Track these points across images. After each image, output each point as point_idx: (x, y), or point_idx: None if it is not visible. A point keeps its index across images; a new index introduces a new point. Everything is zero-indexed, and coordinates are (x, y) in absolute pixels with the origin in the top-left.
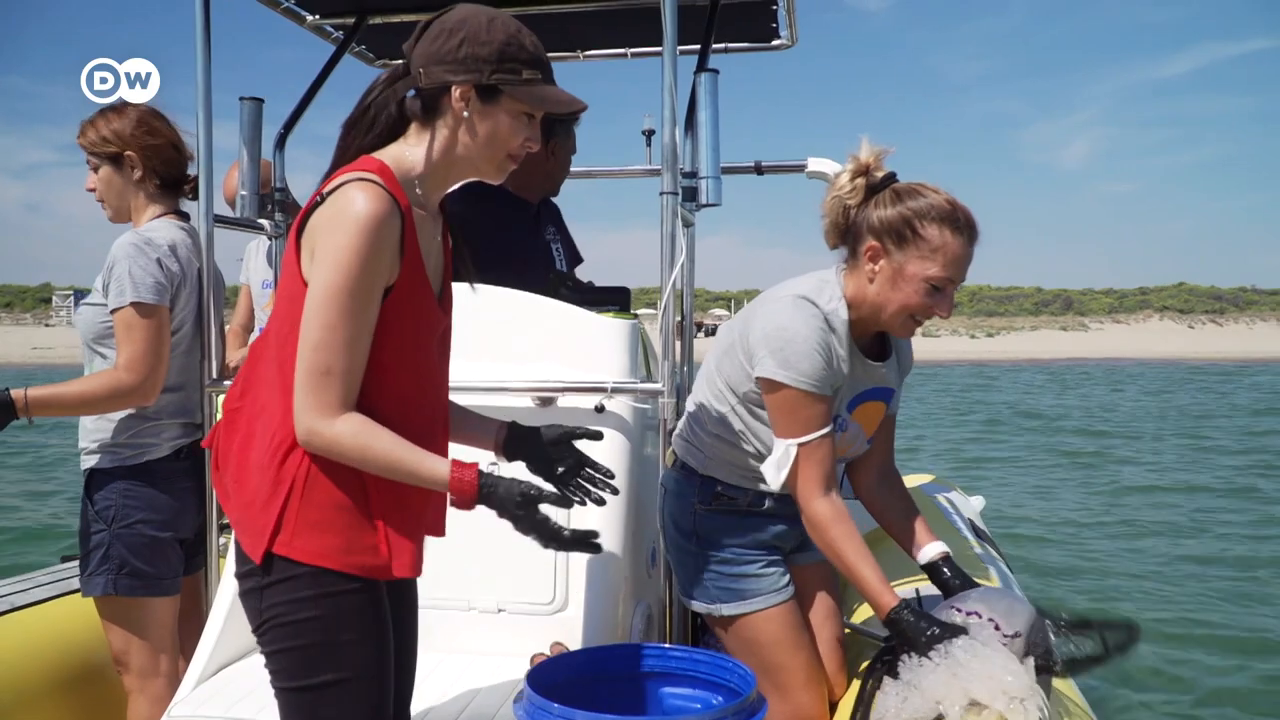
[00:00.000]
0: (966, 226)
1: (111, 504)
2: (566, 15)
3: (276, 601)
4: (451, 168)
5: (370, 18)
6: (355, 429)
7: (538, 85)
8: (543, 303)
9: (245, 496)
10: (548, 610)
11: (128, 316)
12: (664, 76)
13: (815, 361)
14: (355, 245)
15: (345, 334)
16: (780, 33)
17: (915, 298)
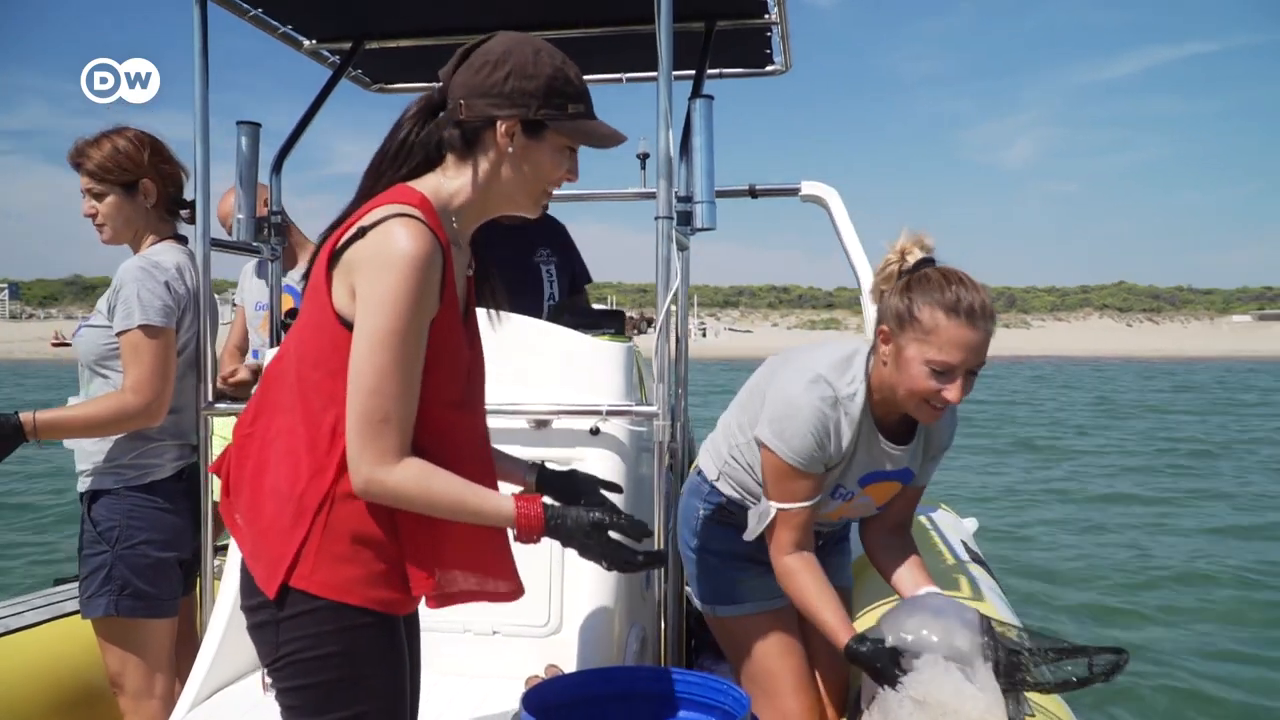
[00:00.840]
0: (966, 312)
1: (115, 525)
2: (562, 40)
3: (295, 636)
4: (489, 201)
5: (367, 43)
6: (416, 474)
7: (582, 120)
8: (538, 326)
9: (260, 525)
10: (542, 632)
11: (135, 339)
12: (659, 102)
13: (808, 442)
14: (405, 287)
15: (400, 379)
16: (774, 58)
17: (919, 381)
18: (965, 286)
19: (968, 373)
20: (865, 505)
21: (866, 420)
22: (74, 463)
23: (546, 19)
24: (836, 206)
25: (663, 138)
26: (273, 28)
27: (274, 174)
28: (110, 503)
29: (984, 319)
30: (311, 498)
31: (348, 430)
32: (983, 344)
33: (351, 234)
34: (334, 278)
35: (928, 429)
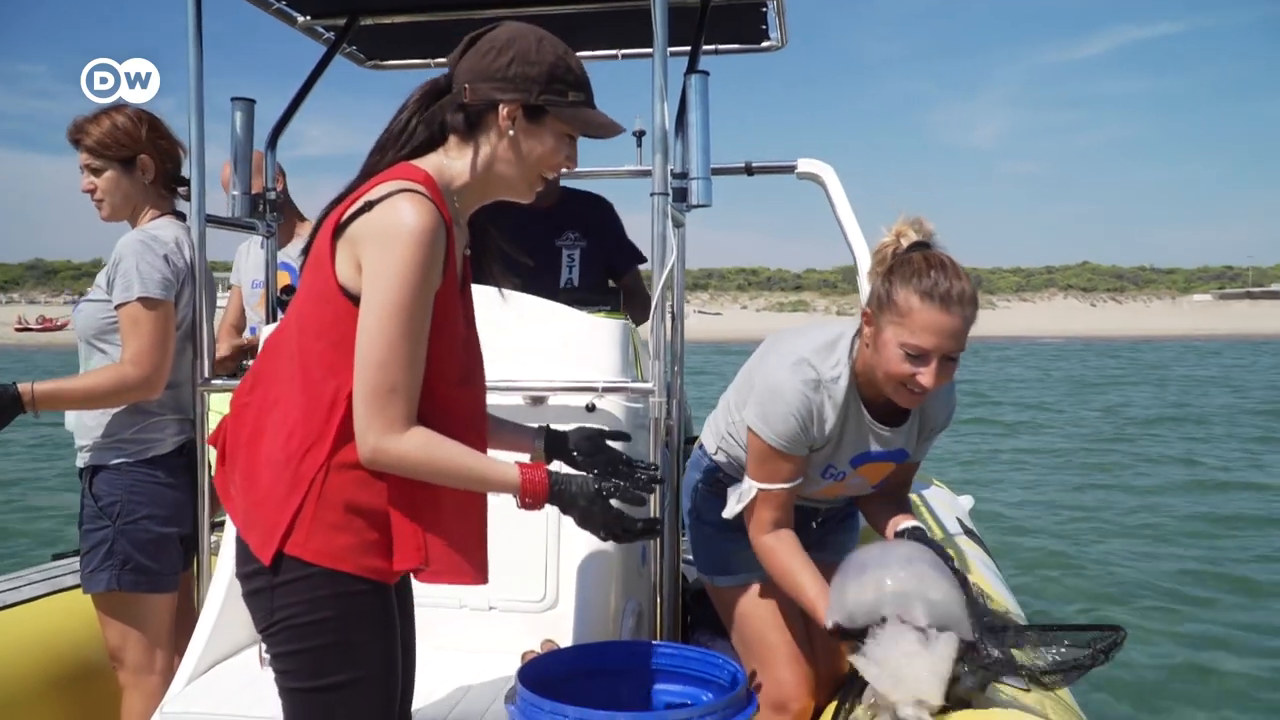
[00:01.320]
0: (942, 297)
1: (117, 500)
2: (556, 16)
3: (290, 602)
4: (489, 184)
5: (361, 19)
6: (422, 443)
7: (582, 108)
8: (534, 302)
9: (255, 494)
10: (539, 608)
11: (134, 311)
12: (655, 78)
13: (790, 425)
14: (413, 260)
15: (407, 350)
16: (770, 34)
17: (895, 364)
18: (945, 272)
19: (944, 358)
20: (859, 485)
21: (853, 402)
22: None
23: None
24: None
25: (658, 113)
26: (266, 4)
27: (269, 150)
28: (111, 477)
29: (960, 304)
30: (308, 466)
31: (355, 400)
32: (958, 330)
33: (358, 208)
34: (338, 250)
35: (923, 409)
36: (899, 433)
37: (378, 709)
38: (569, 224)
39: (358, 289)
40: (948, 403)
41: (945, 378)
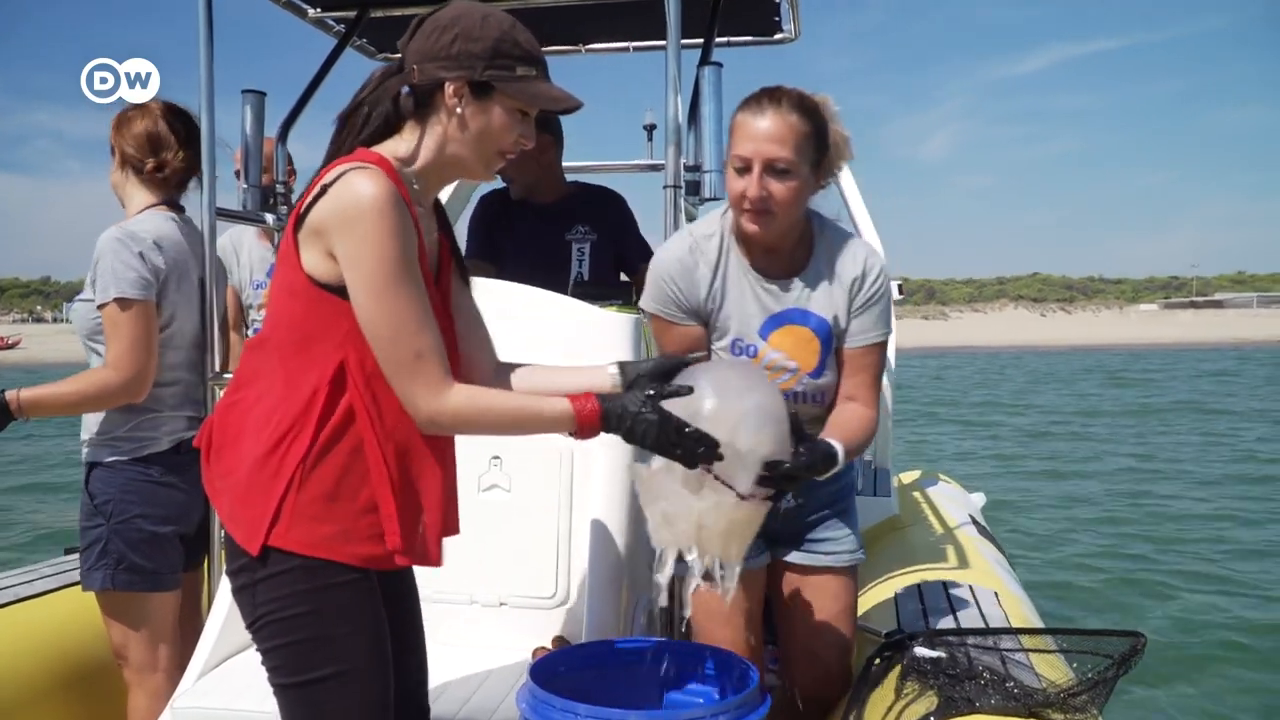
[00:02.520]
0: (755, 100)
1: (110, 498)
2: (568, 9)
3: (270, 598)
4: (445, 165)
5: (371, 11)
6: (470, 395)
7: (531, 82)
8: (546, 297)
9: (240, 489)
10: (549, 604)
11: (112, 313)
12: (667, 70)
13: (660, 287)
14: (380, 225)
15: (414, 313)
16: (784, 26)
17: (729, 184)
18: (771, 88)
19: (769, 167)
20: (781, 364)
21: (732, 260)
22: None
23: None
24: (846, 180)
25: (671, 106)
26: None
27: (279, 143)
28: (106, 475)
29: (774, 105)
30: (291, 458)
31: (391, 382)
32: (773, 132)
33: (314, 195)
34: (301, 242)
35: (825, 261)
36: (800, 291)
37: (368, 703)
38: (579, 218)
39: (327, 277)
40: (856, 257)
41: (777, 196)
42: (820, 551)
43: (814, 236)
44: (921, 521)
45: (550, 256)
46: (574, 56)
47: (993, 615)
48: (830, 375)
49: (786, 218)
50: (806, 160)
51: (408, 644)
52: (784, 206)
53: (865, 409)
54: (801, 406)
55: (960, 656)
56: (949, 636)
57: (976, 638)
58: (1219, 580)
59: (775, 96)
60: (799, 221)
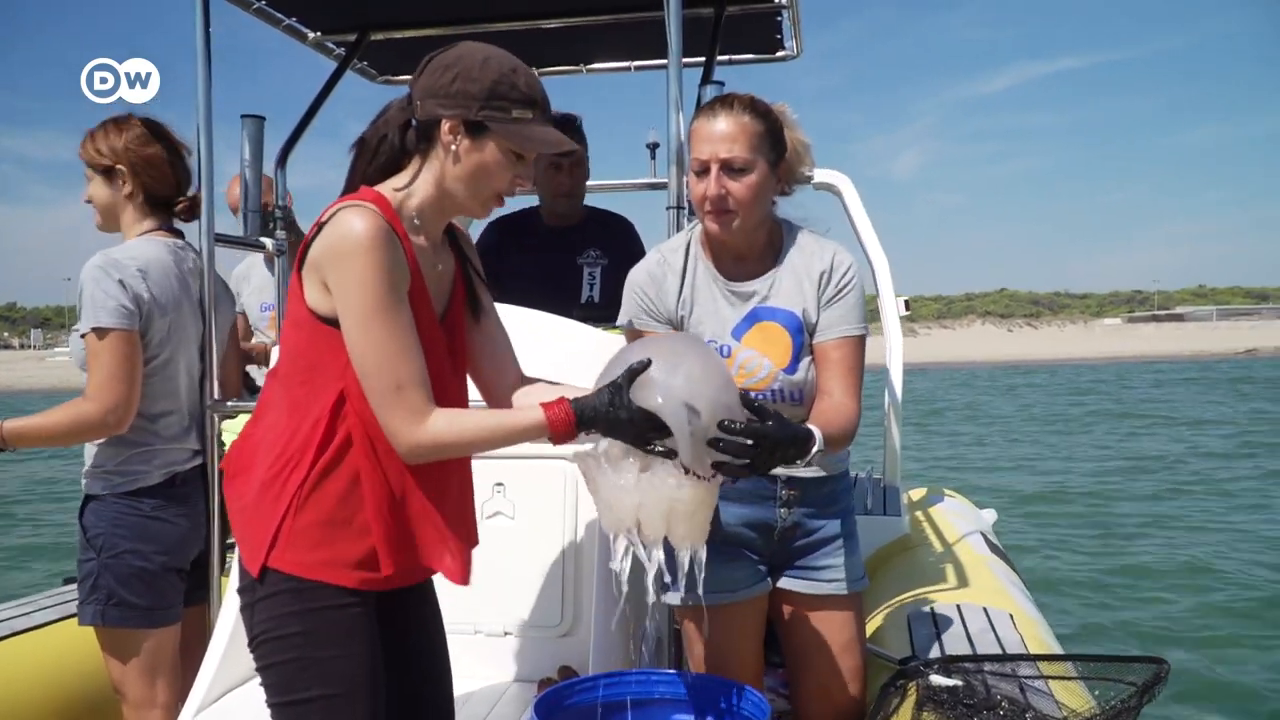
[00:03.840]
0: (710, 108)
1: (101, 532)
2: (569, 29)
3: (265, 617)
4: (444, 200)
5: (372, 34)
6: (448, 421)
7: (526, 125)
8: (548, 320)
9: (246, 513)
10: (556, 633)
11: (90, 342)
12: (669, 88)
13: (630, 297)
14: (367, 260)
15: (397, 344)
16: (785, 44)
17: (692, 189)
18: (724, 95)
19: (725, 166)
20: (755, 362)
21: (699, 267)
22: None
23: (553, 7)
24: (850, 194)
25: (674, 125)
26: (277, 20)
27: (279, 168)
28: (98, 509)
29: (725, 107)
30: (291, 484)
31: (375, 412)
32: (728, 133)
33: (314, 232)
34: (304, 276)
35: (790, 256)
36: (767, 289)
37: None
38: (591, 242)
39: (326, 310)
40: (824, 253)
41: (737, 195)
42: (822, 579)
43: (782, 240)
44: (932, 541)
45: (562, 279)
46: (575, 76)
47: (1009, 639)
48: (806, 371)
49: (748, 216)
50: (763, 157)
51: (430, 673)
52: (744, 204)
53: (844, 399)
54: (780, 405)
55: (977, 685)
56: (965, 663)
57: (994, 664)
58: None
59: (727, 101)
60: (765, 224)
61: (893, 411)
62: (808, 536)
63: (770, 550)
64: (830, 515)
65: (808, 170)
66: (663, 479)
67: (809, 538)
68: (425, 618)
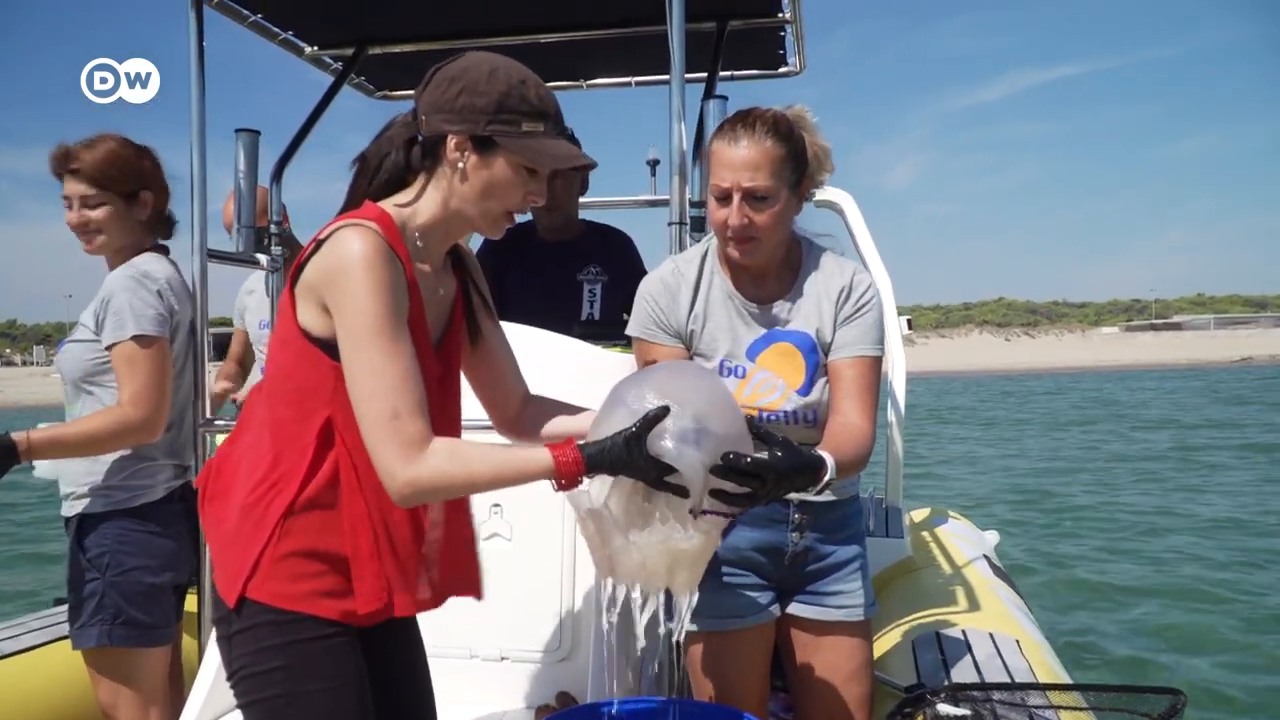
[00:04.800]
0: (731, 132)
1: (106, 550)
2: (570, 44)
3: (243, 652)
4: (450, 220)
5: (369, 48)
6: (447, 455)
7: (538, 138)
8: (547, 338)
9: (225, 538)
10: (554, 658)
11: (129, 351)
12: (671, 103)
13: (640, 306)
14: (366, 282)
15: (395, 371)
16: (788, 59)
17: (712, 214)
18: (743, 116)
19: (747, 195)
20: (770, 383)
21: (715, 281)
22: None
23: (552, 21)
24: (852, 212)
25: (676, 139)
26: (273, 34)
27: (274, 183)
28: (99, 528)
29: (748, 130)
30: (275, 510)
31: (367, 444)
32: (751, 161)
33: (310, 250)
34: (297, 295)
35: (806, 278)
36: (784, 309)
37: None
38: (591, 258)
39: (320, 331)
40: (843, 272)
41: (759, 222)
42: (832, 605)
43: (801, 257)
44: (935, 563)
45: (562, 295)
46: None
47: (1016, 666)
48: (821, 393)
49: (770, 242)
50: (785, 184)
51: (411, 698)
52: (766, 232)
53: (857, 419)
54: (791, 428)
55: (986, 714)
56: (973, 691)
57: (1002, 693)
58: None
59: (749, 122)
60: (784, 244)
61: (895, 431)
62: (819, 561)
63: (780, 575)
64: (841, 540)
65: (829, 174)
66: (667, 533)
67: (820, 563)
68: (409, 643)
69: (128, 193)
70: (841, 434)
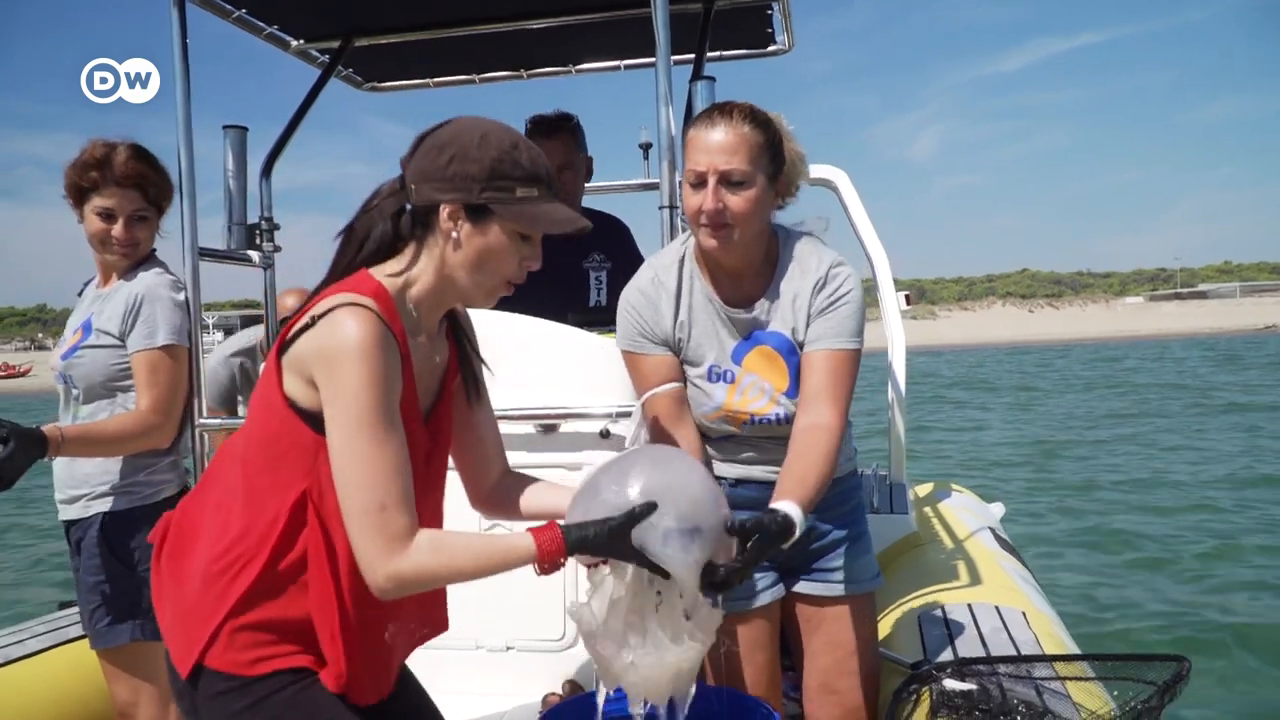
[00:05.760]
0: (707, 115)
1: (137, 545)
2: (557, 29)
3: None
4: (445, 289)
5: (356, 40)
6: (431, 549)
7: (532, 203)
8: (546, 327)
9: (184, 604)
10: (559, 647)
11: (155, 359)
12: (658, 86)
13: (624, 319)
14: (362, 372)
15: (385, 462)
16: (776, 38)
17: (687, 203)
18: (722, 103)
19: (724, 179)
20: (758, 387)
21: (695, 287)
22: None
23: (538, 7)
24: (846, 189)
25: (664, 122)
26: (258, 29)
27: (263, 178)
28: (125, 525)
29: (725, 116)
30: (238, 586)
31: (350, 531)
32: (727, 145)
33: (303, 324)
34: (284, 367)
35: (779, 277)
36: (763, 309)
37: None
38: (594, 245)
39: (305, 403)
40: (821, 264)
41: (734, 204)
42: (834, 580)
43: (778, 253)
44: (940, 538)
45: (569, 283)
46: (565, 77)
47: (1022, 639)
48: None
49: (746, 231)
50: (762, 170)
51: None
52: (742, 219)
53: (826, 418)
54: (783, 426)
55: (992, 688)
56: (979, 666)
57: (1008, 666)
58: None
59: (726, 110)
60: (761, 239)
61: (897, 407)
62: (820, 540)
63: (781, 556)
64: (841, 516)
65: (803, 182)
66: (666, 647)
67: (821, 540)
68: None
69: (163, 209)
70: (805, 456)
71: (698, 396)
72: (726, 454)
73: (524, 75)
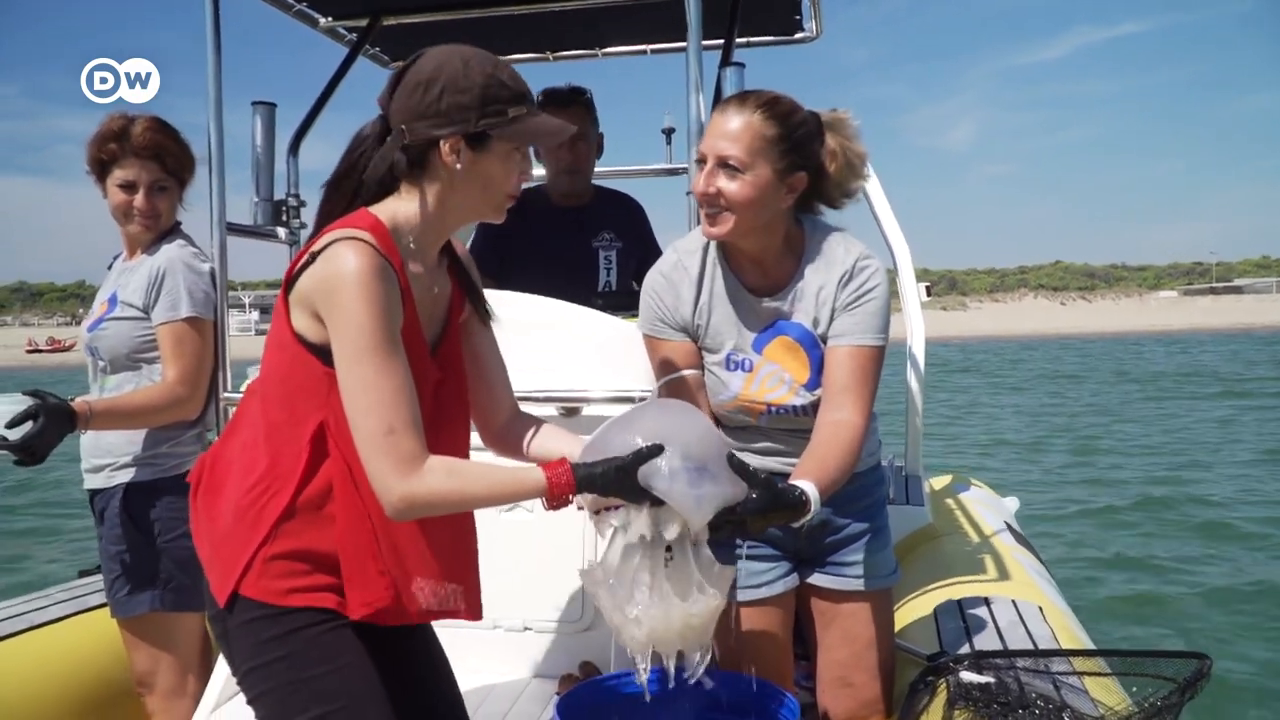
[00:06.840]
0: (721, 104)
1: (159, 517)
2: (584, 11)
3: (243, 648)
4: (447, 218)
5: (384, 19)
6: (444, 474)
7: (524, 120)
8: (567, 309)
9: (218, 537)
10: (577, 628)
11: (180, 331)
12: (689, 70)
13: (646, 302)
14: (361, 299)
15: (389, 387)
16: (804, 25)
17: (695, 184)
18: (746, 90)
19: (721, 163)
20: (777, 376)
21: (718, 273)
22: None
23: None
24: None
25: (694, 108)
26: (287, 5)
27: (291, 155)
28: (147, 496)
29: (739, 103)
30: (270, 511)
31: (362, 456)
32: (730, 131)
33: (304, 261)
34: (291, 304)
35: (801, 267)
36: (786, 300)
37: None
38: (603, 225)
39: (313, 337)
40: (848, 257)
41: (727, 189)
42: (851, 575)
43: (804, 244)
44: (957, 530)
45: (578, 263)
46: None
47: (1039, 633)
48: None
49: (743, 219)
50: (765, 161)
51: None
52: (736, 205)
53: (849, 415)
54: (801, 418)
55: (1010, 682)
56: (996, 659)
57: (1026, 660)
58: None
59: (744, 97)
60: (772, 229)
61: (916, 399)
62: (836, 533)
63: (796, 547)
64: (859, 510)
65: (863, 181)
66: (675, 603)
67: (838, 534)
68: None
69: (185, 180)
70: (827, 444)
71: (715, 385)
72: (743, 443)
73: (550, 57)
